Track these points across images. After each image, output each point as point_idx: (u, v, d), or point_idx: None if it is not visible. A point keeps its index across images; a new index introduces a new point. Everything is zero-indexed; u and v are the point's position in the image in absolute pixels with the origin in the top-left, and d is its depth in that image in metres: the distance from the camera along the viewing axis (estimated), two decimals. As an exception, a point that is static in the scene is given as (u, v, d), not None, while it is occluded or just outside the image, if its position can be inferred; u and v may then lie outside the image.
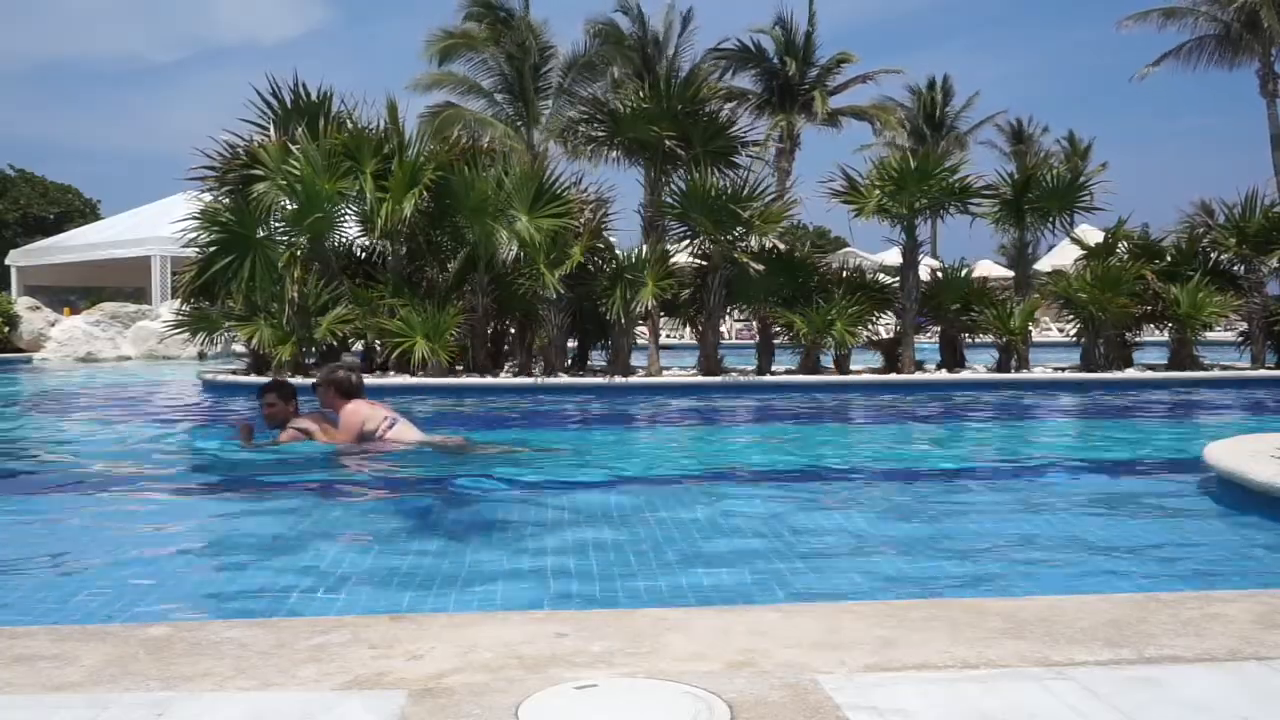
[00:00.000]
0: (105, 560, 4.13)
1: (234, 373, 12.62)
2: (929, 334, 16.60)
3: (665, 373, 12.43)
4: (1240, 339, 14.16)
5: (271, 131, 12.50)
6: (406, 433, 6.67)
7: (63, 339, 20.40)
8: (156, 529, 4.91)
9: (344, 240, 13.01)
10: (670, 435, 9.35)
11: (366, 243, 13.19)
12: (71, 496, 5.74)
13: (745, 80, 35.54)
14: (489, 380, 11.66)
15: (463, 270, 12.44)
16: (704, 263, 12.62)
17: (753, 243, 12.41)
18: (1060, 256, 28.68)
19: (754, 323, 13.63)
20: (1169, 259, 13.70)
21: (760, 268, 12.34)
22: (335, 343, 12.01)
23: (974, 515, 5.06)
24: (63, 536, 4.66)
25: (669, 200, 12.38)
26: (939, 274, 13.55)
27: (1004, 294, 13.68)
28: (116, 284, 35.47)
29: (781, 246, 13.21)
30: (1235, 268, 13.91)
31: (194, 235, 12.26)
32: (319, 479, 6.24)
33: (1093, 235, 14.85)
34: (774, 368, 12.74)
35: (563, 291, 11.66)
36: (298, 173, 11.75)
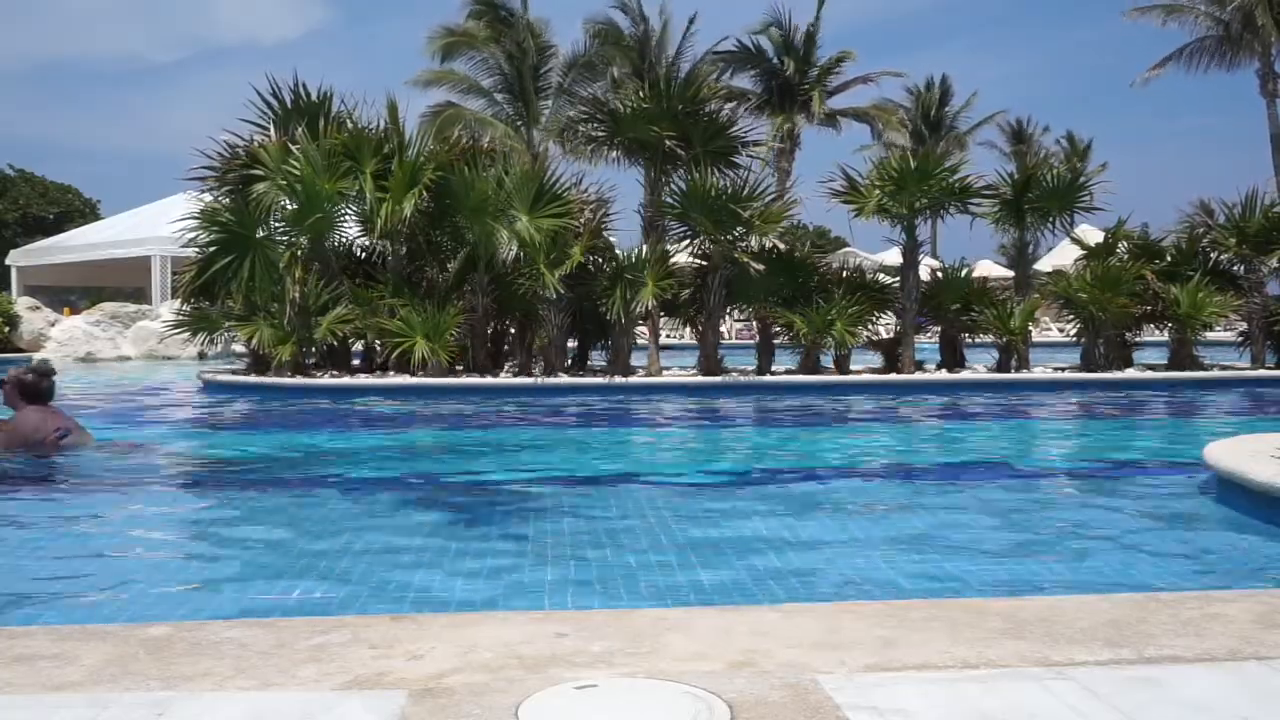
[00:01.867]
0: (105, 560, 4.13)
1: (234, 373, 12.62)
2: (929, 334, 16.59)
3: (665, 373, 12.42)
4: (1240, 339, 14.15)
5: (271, 131, 12.50)
6: (78, 440, 6.71)
7: (63, 339, 20.38)
8: (155, 528, 4.91)
9: (344, 240, 13.01)
10: (669, 435, 9.35)
11: (366, 243, 13.19)
12: (70, 497, 5.74)
13: (745, 80, 35.53)
14: (489, 380, 11.65)
15: (463, 270, 12.43)
16: (704, 263, 12.62)
17: (753, 243, 12.40)
18: (1060, 256, 28.67)
19: (754, 323, 13.62)
20: (1169, 259, 13.70)
21: (760, 268, 12.34)
22: (335, 343, 12.01)
23: (974, 515, 5.06)
24: (62, 536, 4.66)
25: (669, 200, 12.37)
26: (939, 274, 13.54)
27: (1004, 294, 13.67)
28: (116, 284, 35.48)
29: (781, 246, 13.21)
30: (1235, 268, 13.91)
31: (194, 235, 12.27)
32: (318, 477, 6.24)
33: (1093, 235, 14.84)
34: (774, 368, 12.74)
35: (563, 291, 11.65)
36: (298, 173, 11.75)
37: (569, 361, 12.76)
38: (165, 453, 7.75)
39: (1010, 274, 19.81)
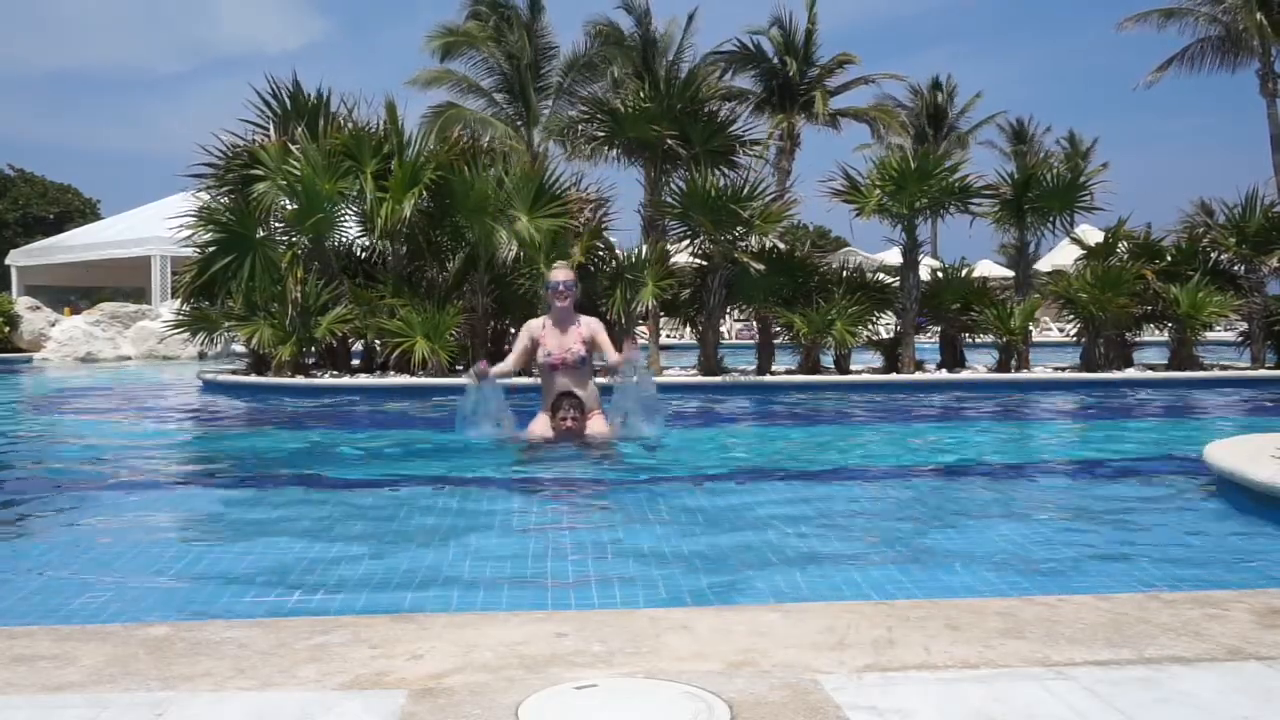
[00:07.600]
0: (105, 560, 4.13)
1: (234, 373, 12.62)
2: (929, 334, 16.60)
3: (665, 373, 12.42)
4: (1240, 339, 14.16)
5: (271, 132, 12.51)
6: None
7: (63, 339, 20.39)
8: (155, 528, 4.91)
9: (344, 240, 13.02)
10: (668, 434, 9.34)
11: (366, 243, 13.20)
12: (70, 496, 5.74)
13: (745, 80, 35.52)
14: (489, 380, 11.64)
15: (463, 270, 12.44)
16: (704, 263, 12.61)
17: (753, 242, 12.40)
18: (1060, 256, 28.68)
19: (754, 323, 13.62)
20: (1169, 259, 13.70)
21: (760, 267, 12.33)
22: (335, 342, 12.01)
23: (974, 515, 5.06)
24: (62, 536, 4.66)
25: (669, 200, 12.37)
26: (939, 274, 13.54)
27: (1004, 294, 13.67)
28: (116, 284, 35.50)
29: (782, 246, 13.20)
30: (1235, 268, 13.91)
31: (192, 234, 12.28)
32: (318, 477, 6.24)
33: (1093, 235, 14.84)
34: (774, 368, 12.74)
35: (563, 291, 11.64)
36: (298, 173, 11.76)
37: (569, 361, 12.74)
38: (165, 452, 7.75)
39: (1010, 274, 19.81)
